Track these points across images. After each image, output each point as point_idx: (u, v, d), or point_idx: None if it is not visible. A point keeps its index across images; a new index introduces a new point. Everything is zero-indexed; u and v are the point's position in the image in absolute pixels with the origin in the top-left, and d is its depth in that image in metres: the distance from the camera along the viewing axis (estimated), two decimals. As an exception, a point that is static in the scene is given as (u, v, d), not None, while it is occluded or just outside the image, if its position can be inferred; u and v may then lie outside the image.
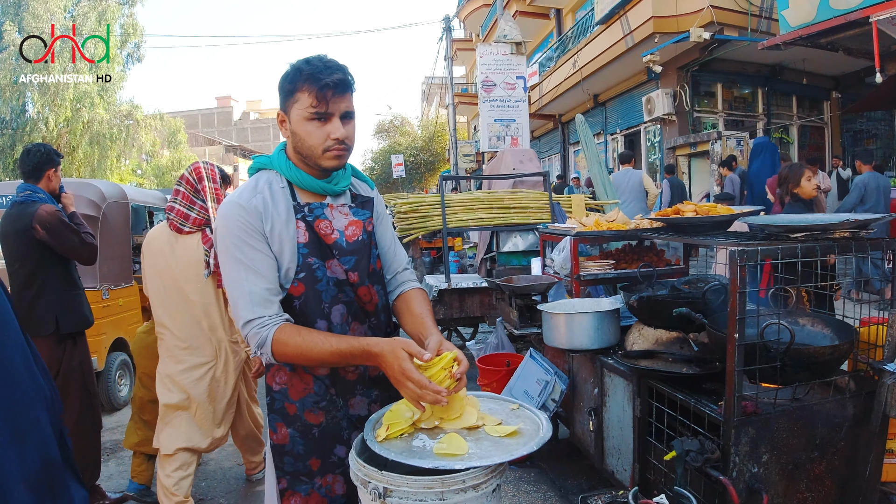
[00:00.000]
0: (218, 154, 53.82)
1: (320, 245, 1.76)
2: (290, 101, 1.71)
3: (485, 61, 12.20)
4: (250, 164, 1.92)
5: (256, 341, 1.66)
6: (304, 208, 1.75)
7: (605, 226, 3.78)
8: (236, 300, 1.69)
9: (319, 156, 1.72)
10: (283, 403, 1.82)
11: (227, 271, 1.72)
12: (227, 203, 1.73)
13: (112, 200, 5.61)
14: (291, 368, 1.81)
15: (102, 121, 25.16)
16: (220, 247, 1.73)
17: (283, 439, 1.82)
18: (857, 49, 9.13)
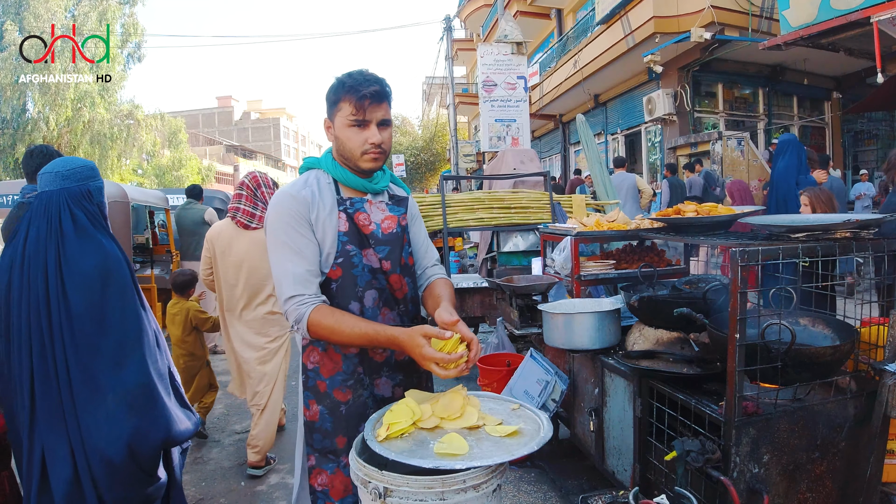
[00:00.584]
0: (219, 154, 53.86)
1: (358, 234, 1.97)
2: (335, 109, 1.96)
3: (486, 61, 12.21)
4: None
5: (295, 316, 1.84)
6: (346, 202, 1.99)
7: (605, 226, 3.78)
8: (280, 278, 1.89)
9: (358, 157, 1.96)
10: (316, 381, 1.99)
11: (274, 252, 1.92)
12: (280, 193, 1.96)
13: (112, 200, 5.61)
14: (323, 348, 1.98)
15: (103, 120, 25.19)
16: (270, 230, 1.94)
17: (314, 416, 1.99)
18: (858, 49, 9.14)
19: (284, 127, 74.75)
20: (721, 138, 11.94)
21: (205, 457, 4.37)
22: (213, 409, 5.39)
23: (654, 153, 14.99)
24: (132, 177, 30.91)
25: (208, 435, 4.84)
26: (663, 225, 3.39)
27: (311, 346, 2.00)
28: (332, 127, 2.00)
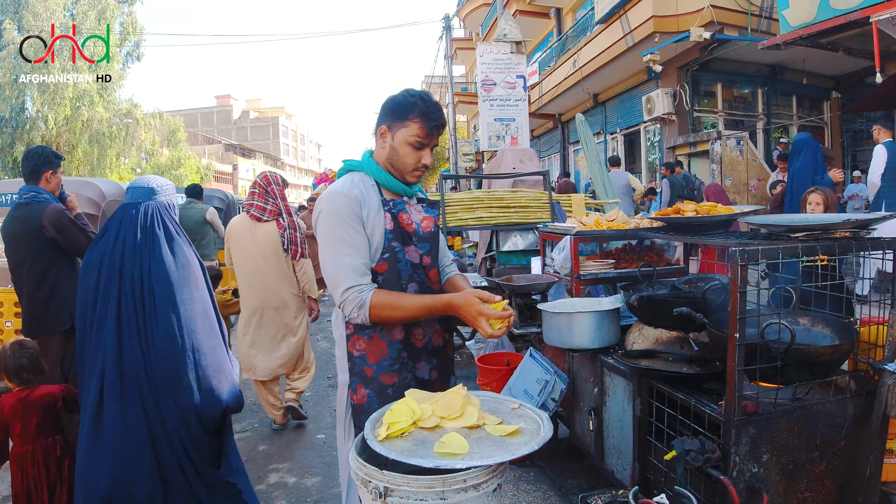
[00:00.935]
0: (217, 153, 53.86)
1: (402, 232, 2.16)
2: (400, 124, 2.13)
3: (485, 60, 12.20)
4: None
5: (356, 303, 2.01)
6: (390, 203, 2.17)
7: (605, 225, 3.78)
8: (336, 271, 2.04)
9: (409, 172, 2.19)
10: (363, 367, 2.14)
11: (329, 246, 2.07)
12: (333, 192, 2.10)
13: (111, 199, 5.62)
14: (369, 336, 2.13)
15: (102, 119, 25.18)
16: (324, 225, 2.08)
17: (362, 399, 2.14)
18: (857, 49, 9.14)
19: (283, 126, 74.75)
20: (720, 138, 11.95)
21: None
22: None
23: (654, 152, 15.00)
24: (131, 176, 30.86)
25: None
26: (663, 224, 3.39)
27: (357, 336, 2.14)
28: (389, 136, 2.16)
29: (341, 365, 2.22)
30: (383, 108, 2.18)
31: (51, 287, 3.60)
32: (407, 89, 2.19)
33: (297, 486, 3.92)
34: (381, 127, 2.18)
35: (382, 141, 2.18)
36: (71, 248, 3.63)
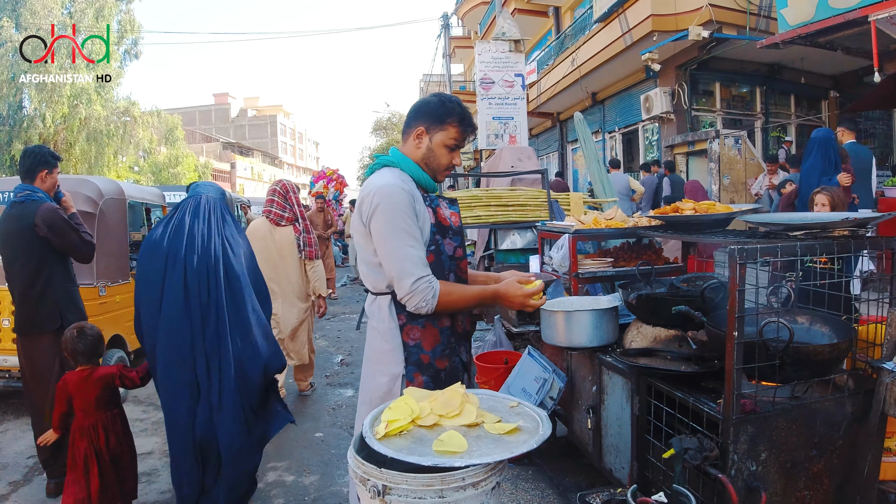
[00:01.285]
0: (215, 151, 53.78)
1: (441, 226, 2.29)
2: (438, 127, 2.29)
3: (483, 59, 12.16)
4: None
5: (429, 293, 2.12)
6: (427, 198, 2.30)
7: (603, 224, 3.78)
8: (404, 262, 2.12)
9: (440, 171, 2.35)
10: (419, 355, 2.24)
11: (393, 238, 2.13)
12: (388, 185, 2.16)
13: (109, 197, 5.59)
14: (422, 325, 2.23)
15: (100, 117, 25.14)
16: (386, 218, 2.14)
17: (419, 385, 2.20)
18: (855, 48, 9.15)
19: (281, 124, 74.67)
20: (718, 137, 11.94)
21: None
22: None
23: (652, 151, 14.99)
24: (128, 174, 30.85)
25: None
26: (661, 223, 3.39)
27: (410, 325, 2.23)
28: (426, 138, 2.30)
29: (388, 357, 2.26)
30: (419, 111, 2.33)
31: (42, 286, 3.60)
32: (440, 94, 2.38)
33: (295, 485, 3.91)
34: (417, 128, 2.30)
35: (418, 141, 2.31)
36: (63, 248, 3.63)
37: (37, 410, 3.70)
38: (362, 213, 2.21)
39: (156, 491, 3.85)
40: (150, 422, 5.09)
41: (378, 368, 2.30)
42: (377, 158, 2.36)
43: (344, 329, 8.77)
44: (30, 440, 3.97)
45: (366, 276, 2.32)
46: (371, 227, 2.18)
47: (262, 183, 56.24)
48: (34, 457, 4.08)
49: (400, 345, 2.24)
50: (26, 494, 3.86)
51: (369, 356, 2.37)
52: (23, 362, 3.71)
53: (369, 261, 2.25)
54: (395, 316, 2.24)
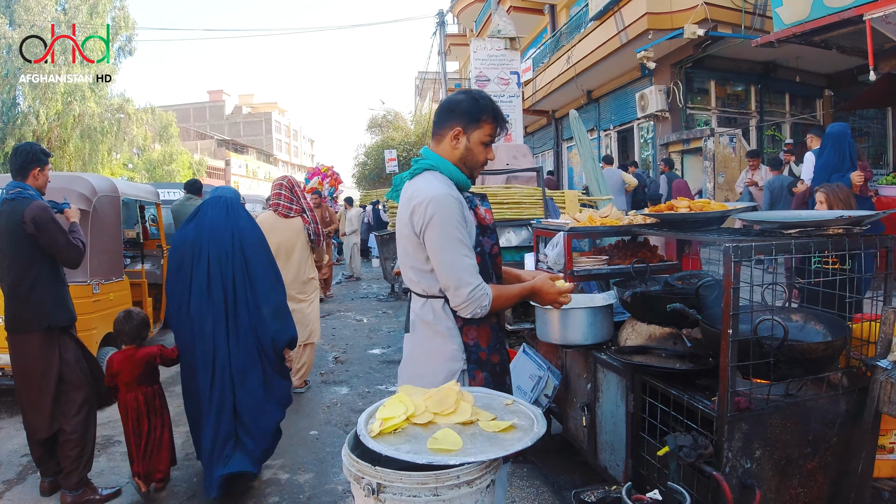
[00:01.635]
0: (210, 148, 53.58)
1: (481, 226, 2.33)
2: (475, 126, 2.31)
3: (478, 56, 12.14)
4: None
5: (484, 300, 2.19)
6: (467, 199, 2.33)
7: (598, 221, 3.77)
8: (461, 272, 2.17)
9: (477, 168, 2.40)
10: (478, 353, 2.30)
11: (450, 248, 2.17)
12: (444, 195, 2.18)
13: (103, 195, 5.57)
14: (477, 325, 2.29)
15: (93, 114, 25.03)
16: (442, 227, 2.16)
17: (481, 383, 2.28)
18: (850, 47, 9.17)
19: (276, 121, 74.46)
20: (713, 135, 11.97)
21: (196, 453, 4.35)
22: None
23: (647, 149, 15.01)
24: (123, 171, 30.75)
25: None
26: (656, 221, 3.38)
27: (467, 326, 2.28)
28: (463, 137, 2.31)
29: (446, 355, 2.29)
30: (453, 111, 2.32)
31: (30, 285, 3.55)
32: (468, 91, 2.40)
33: (290, 483, 3.91)
34: (454, 129, 2.30)
35: (456, 142, 2.31)
36: (49, 248, 3.55)
37: (27, 409, 3.68)
38: (414, 223, 2.21)
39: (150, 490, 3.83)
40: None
41: (433, 366, 2.30)
42: (417, 162, 2.37)
43: (339, 327, 8.76)
44: (23, 438, 3.95)
45: (414, 282, 2.35)
46: (425, 236, 2.19)
47: (257, 180, 56.09)
48: (28, 455, 4.06)
49: (461, 344, 2.29)
50: (20, 493, 3.85)
51: (418, 356, 2.39)
52: (13, 361, 3.68)
53: (420, 267, 2.28)
54: (452, 318, 2.28)
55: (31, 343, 3.57)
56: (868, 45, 7.22)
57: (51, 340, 3.60)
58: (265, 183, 58.00)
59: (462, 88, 2.75)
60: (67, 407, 3.63)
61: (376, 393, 5.67)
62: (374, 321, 9.19)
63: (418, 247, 2.24)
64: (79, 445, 3.62)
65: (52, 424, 3.61)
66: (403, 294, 11.38)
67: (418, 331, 2.39)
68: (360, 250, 15.45)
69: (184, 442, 4.54)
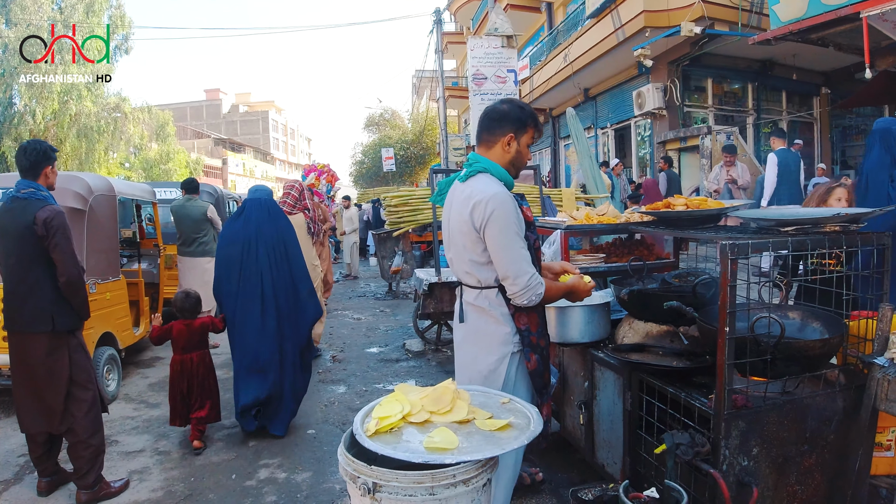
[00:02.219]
0: (207, 147, 53.49)
1: (527, 223, 2.57)
2: (523, 132, 2.60)
3: (476, 54, 12.13)
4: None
5: (539, 288, 2.45)
6: (516, 198, 2.56)
7: (595, 219, 3.76)
8: (520, 262, 2.42)
9: (523, 166, 2.71)
10: (530, 337, 2.54)
11: (510, 242, 2.42)
12: (502, 194, 2.45)
13: (99, 193, 5.54)
14: (528, 312, 2.53)
15: (90, 113, 24.97)
16: (501, 225, 2.41)
17: (534, 365, 2.56)
18: (847, 45, 9.17)
19: (273, 120, 74.35)
20: (710, 133, 11.97)
21: (193, 452, 4.35)
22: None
23: (644, 147, 15.02)
24: (119, 170, 30.64)
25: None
26: (653, 219, 3.38)
27: (519, 312, 2.52)
28: (515, 143, 2.58)
29: (500, 339, 2.54)
30: (504, 119, 2.58)
31: (31, 285, 3.50)
32: (511, 100, 2.70)
33: (288, 482, 3.90)
34: (506, 135, 2.56)
35: (508, 147, 2.58)
36: (54, 252, 3.48)
37: (29, 408, 3.65)
38: (475, 219, 2.44)
39: (147, 489, 3.83)
40: (140, 419, 5.07)
41: (487, 349, 2.55)
42: (471, 166, 2.60)
43: (337, 326, 8.75)
44: (21, 438, 3.94)
45: (469, 274, 2.56)
46: (486, 232, 2.43)
47: (254, 179, 56.00)
48: (26, 455, 4.05)
49: (514, 329, 2.53)
50: (17, 493, 3.83)
51: (472, 341, 2.62)
52: (14, 360, 3.65)
53: (477, 260, 2.51)
54: (505, 304, 2.52)
55: (34, 346, 3.53)
56: (864, 42, 7.22)
57: (59, 342, 3.56)
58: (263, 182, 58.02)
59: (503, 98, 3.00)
60: (76, 407, 3.60)
61: (374, 392, 5.66)
62: (372, 319, 9.18)
63: (477, 241, 2.47)
64: (92, 445, 3.62)
65: (62, 424, 3.59)
66: (401, 293, 11.38)
67: (471, 318, 2.62)
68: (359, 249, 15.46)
69: (181, 441, 4.54)
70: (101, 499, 3.65)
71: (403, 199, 6.85)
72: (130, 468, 4.14)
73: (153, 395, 5.70)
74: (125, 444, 4.56)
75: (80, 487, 3.62)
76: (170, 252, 7.99)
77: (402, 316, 9.28)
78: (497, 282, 2.51)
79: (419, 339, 7.20)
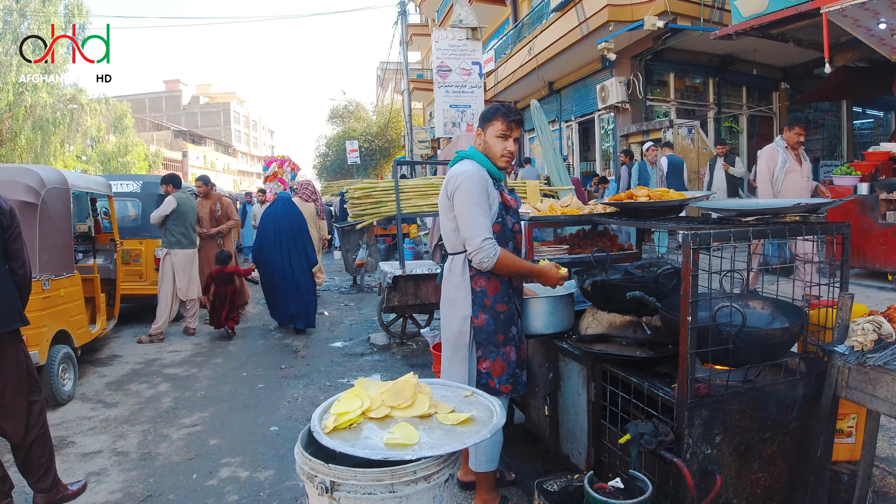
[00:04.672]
0: (166, 139, 52.58)
1: (505, 206, 2.98)
2: (489, 124, 2.94)
3: (440, 46, 12.09)
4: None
5: (491, 251, 2.75)
6: (497, 184, 2.97)
7: (559, 210, 3.76)
8: (476, 226, 2.76)
9: (497, 157, 2.95)
10: (483, 299, 2.90)
11: (470, 208, 2.77)
12: (470, 171, 2.83)
13: (52, 186, 5.35)
14: (487, 277, 2.89)
15: (45, 105, 24.40)
16: (465, 194, 2.79)
17: (482, 322, 2.90)
18: (806, 40, 9.32)
19: (235, 112, 73.40)
20: (672, 126, 12.10)
21: (152, 452, 4.24)
22: (162, 403, 5.26)
23: (608, 141, 15.12)
24: (76, 163, 29.97)
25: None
26: (616, 210, 3.38)
27: (478, 276, 2.89)
28: (483, 134, 2.97)
29: (459, 303, 2.93)
30: (479, 118, 3.03)
31: None
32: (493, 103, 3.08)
33: (250, 481, 3.82)
34: (477, 130, 3.01)
35: (479, 139, 2.98)
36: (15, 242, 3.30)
37: None
38: (448, 190, 2.87)
39: (105, 491, 3.72)
40: (98, 419, 4.92)
41: (452, 313, 2.95)
42: (459, 153, 3.01)
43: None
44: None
45: (447, 239, 2.98)
46: (454, 199, 2.82)
47: (216, 172, 55.17)
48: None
49: (469, 292, 2.90)
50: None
51: (444, 304, 3.03)
52: None
53: (450, 227, 2.92)
54: (467, 269, 2.90)
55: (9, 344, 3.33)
56: (824, 38, 7.33)
57: (18, 341, 3.37)
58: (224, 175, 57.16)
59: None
60: (38, 410, 3.43)
61: (338, 387, 5.60)
62: (336, 314, 9.10)
63: (449, 209, 2.87)
64: (46, 447, 3.46)
65: (27, 432, 3.36)
66: (366, 287, 11.29)
67: (444, 284, 3.03)
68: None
69: (140, 441, 4.43)
70: (58, 502, 3.51)
71: (366, 191, 6.77)
72: (88, 470, 4.02)
73: (111, 395, 5.55)
74: (82, 445, 4.42)
75: (36, 491, 3.48)
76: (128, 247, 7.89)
77: (367, 310, 9.21)
78: (464, 248, 2.84)
79: (384, 332, 7.14)
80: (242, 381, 5.92)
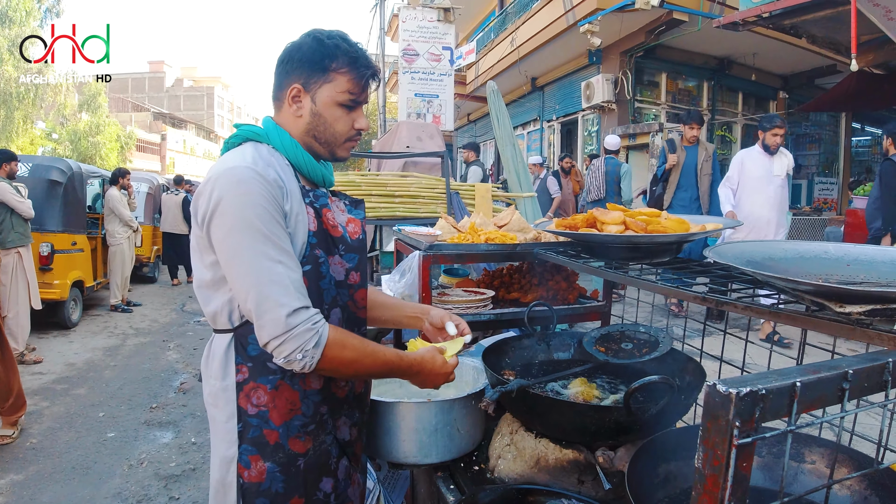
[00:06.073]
0: (145, 121, 51.11)
1: (326, 237, 1.49)
2: (322, 78, 1.48)
3: (408, 27, 10.69)
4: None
5: (311, 338, 1.30)
6: (311, 194, 1.49)
7: (482, 235, 2.34)
8: (270, 286, 1.30)
9: (340, 144, 1.56)
10: (262, 430, 1.43)
11: (248, 248, 1.31)
12: (238, 168, 1.35)
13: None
14: (273, 385, 1.43)
15: (10, 79, 23.05)
16: (235, 219, 1.32)
17: (259, 476, 1.42)
18: (821, 37, 8.06)
19: (219, 97, 71.89)
20: (661, 131, 10.90)
21: None
22: None
23: (591, 143, 13.83)
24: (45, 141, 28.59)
25: None
26: (567, 240, 2.02)
27: (254, 384, 1.42)
28: (306, 98, 1.49)
29: (222, 430, 1.46)
30: (290, 60, 1.49)
31: None
32: (315, 30, 1.51)
33: None
34: (291, 88, 1.49)
35: (296, 107, 1.51)
36: None
37: None
38: (198, 211, 1.40)
39: None
40: None
41: (213, 444, 1.50)
42: (240, 128, 1.55)
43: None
44: None
45: (202, 299, 1.49)
46: (211, 230, 1.37)
47: (195, 157, 53.59)
48: None
49: (234, 413, 1.44)
50: None
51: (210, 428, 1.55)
52: None
53: (202, 278, 1.45)
54: (234, 367, 1.43)
55: None
56: (852, 28, 5.99)
57: None
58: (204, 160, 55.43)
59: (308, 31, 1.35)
60: None
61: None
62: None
63: (206, 248, 1.41)
64: None
65: None
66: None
67: (203, 381, 1.55)
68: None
69: None
70: None
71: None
72: None
73: None
74: None
75: None
76: None
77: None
78: (232, 324, 1.44)
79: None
80: (93, 425, 4.56)
